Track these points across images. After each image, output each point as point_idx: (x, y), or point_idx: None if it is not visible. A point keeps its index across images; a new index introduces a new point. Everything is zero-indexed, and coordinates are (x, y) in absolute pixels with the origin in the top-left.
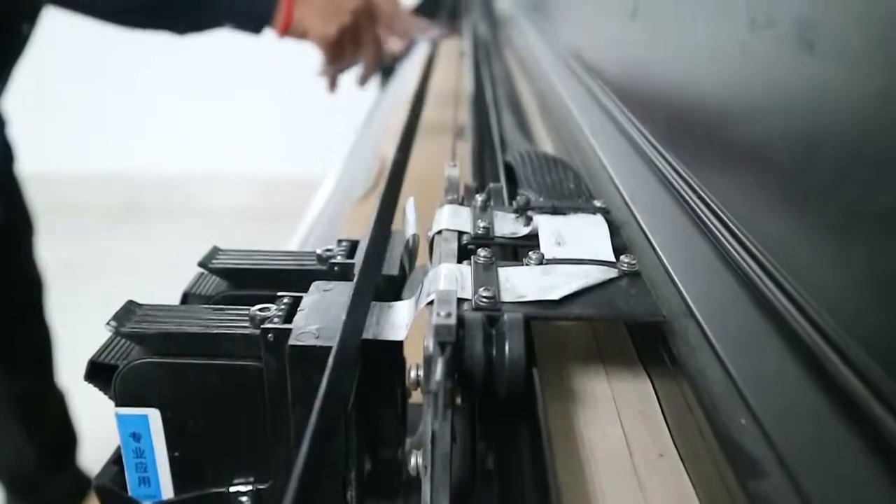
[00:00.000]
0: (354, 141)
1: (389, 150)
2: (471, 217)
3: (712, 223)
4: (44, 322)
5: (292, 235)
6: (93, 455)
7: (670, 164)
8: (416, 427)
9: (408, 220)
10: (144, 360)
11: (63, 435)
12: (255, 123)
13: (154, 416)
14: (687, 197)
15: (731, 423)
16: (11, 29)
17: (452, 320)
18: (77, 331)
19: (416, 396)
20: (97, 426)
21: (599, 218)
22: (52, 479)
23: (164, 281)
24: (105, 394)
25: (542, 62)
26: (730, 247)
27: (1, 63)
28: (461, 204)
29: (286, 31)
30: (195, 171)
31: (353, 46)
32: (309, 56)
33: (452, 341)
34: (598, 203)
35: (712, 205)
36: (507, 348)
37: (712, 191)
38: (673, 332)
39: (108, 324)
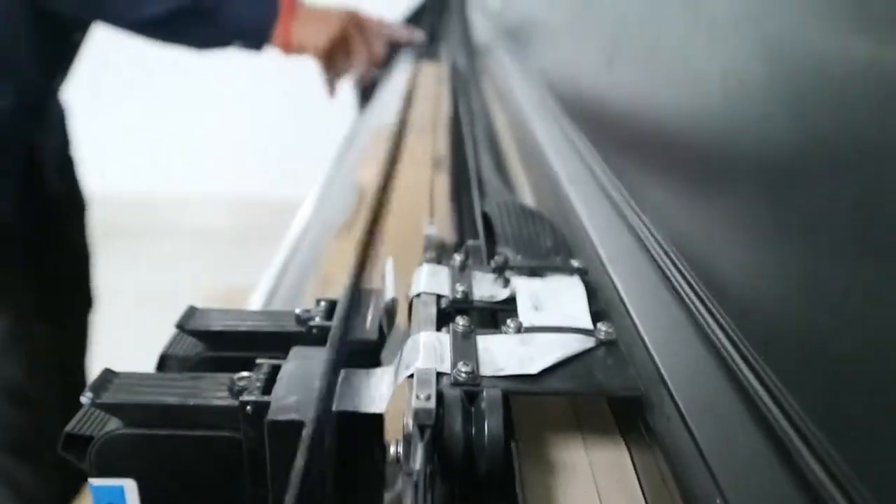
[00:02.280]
0: (332, 166)
1: (368, 179)
2: (449, 278)
3: (686, 293)
4: (90, 292)
5: (269, 266)
6: None
7: (647, 228)
8: (394, 481)
9: (386, 283)
10: (121, 432)
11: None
12: (231, 144)
13: (130, 487)
14: (664, 264)
15: (705, 502)
16: (66, 38)
17: (432, 404)
18: None
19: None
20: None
21: (577, 280)
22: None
23: (142, 307)
24: (79, 465)
25: (522, 103)
26: (703, 319)
27: (58, 64)
28: (439, 263)
29: (286, 47)
30: (171, 192)
31: (345, 54)
32: (284, 78)
33: (432, 424)
34: (576, 263)
35: (687, 275)
36: (486, 427)
37: (688, 260)
38: (649, 404)
39: (84, 395)
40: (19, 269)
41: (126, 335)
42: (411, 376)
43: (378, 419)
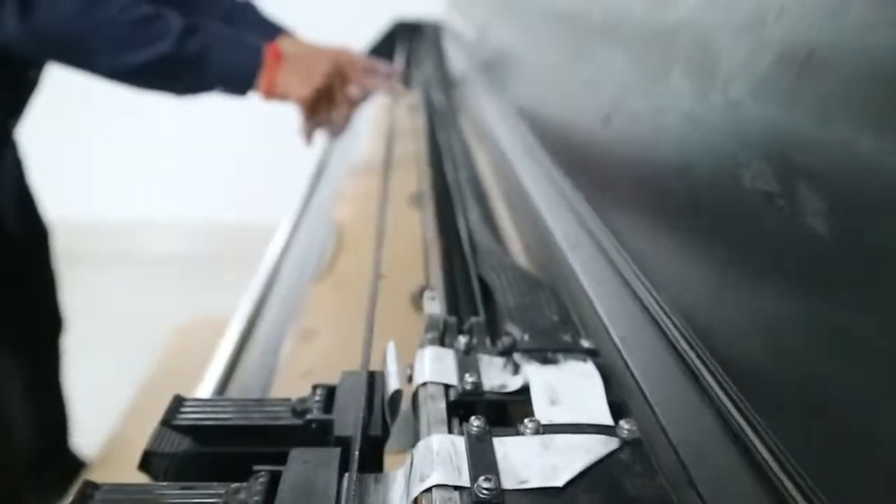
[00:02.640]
0: (304, 202)
1: (345, 218)
2: (455, 364)
3: (710, 386)
4: (59, 316)
5: (241, 306)
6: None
7: (660, 306)
8: None
9: (389, 372)
10: None
11: (61, 419)
12: (195, 169)
13: None
14: (682, 349)
15: None
16: (21, 75)
17: None
18: None
19: None
20: (86, 414)
21: (591, 367)
22: (52, 459)
23: (106, 337)
24: None
25: (508, 153)
26: (734, 420)
27: (14, 101)
28: (442, 344)
29: (269, 94)
30: (130, 216)
31: (328, 104)
32: (247, 102)
33: None
34: (586, 344)
35: (709, 363)
36: None
37: (710, 345)
38: None
39: None
40: None
41: (91, 363)
42: (428, 490)
43: None
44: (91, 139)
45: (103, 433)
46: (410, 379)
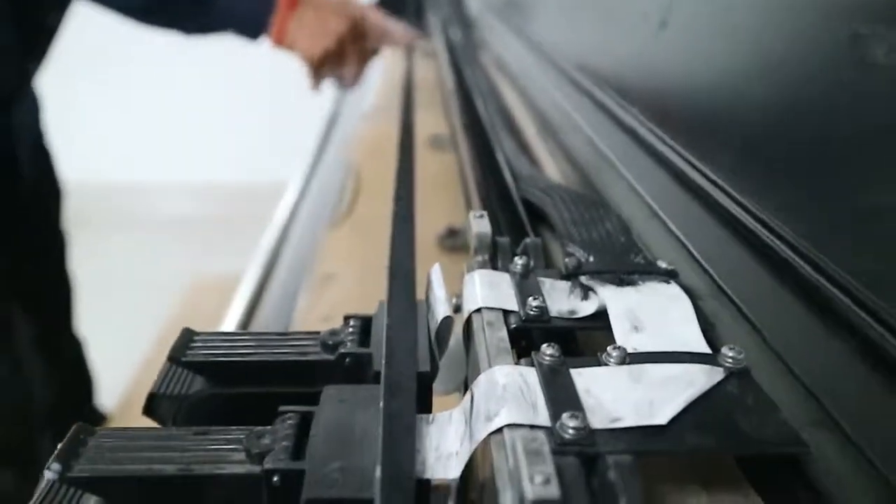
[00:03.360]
0: (317, 149)
1: (363, 163)
2: (514, 288)
3: (835, 303)
4: (67, 275)
5: (256, 254)
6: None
7: (751, 214)
8: None
9: (435, 296)
10: None
11: (80, 376)
12: (204, 130)
13: None
14: (793, 261)
15: None
16: (42, 21)
17: (555, 491)
18: None
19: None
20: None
21: (678, 290)
22: (72, 415)
23: (117, 297)
24: None
25: (536, 78)
26: (872, 340)
27: (32, 44)
28: (495, 267)
29: (278, 41)
30: (142, 180)
31: (337, 64)
32: (259, 63)
33: None
34: (663, 264)
35: (831, 274)
36: None
37: (827, 252)
38: (814, 461)
39: (48, 468)
40: None
41: (101, 328)
42: (498, 430)
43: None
44: (96, 101)
45: (117, 392)
46: (457, 309)
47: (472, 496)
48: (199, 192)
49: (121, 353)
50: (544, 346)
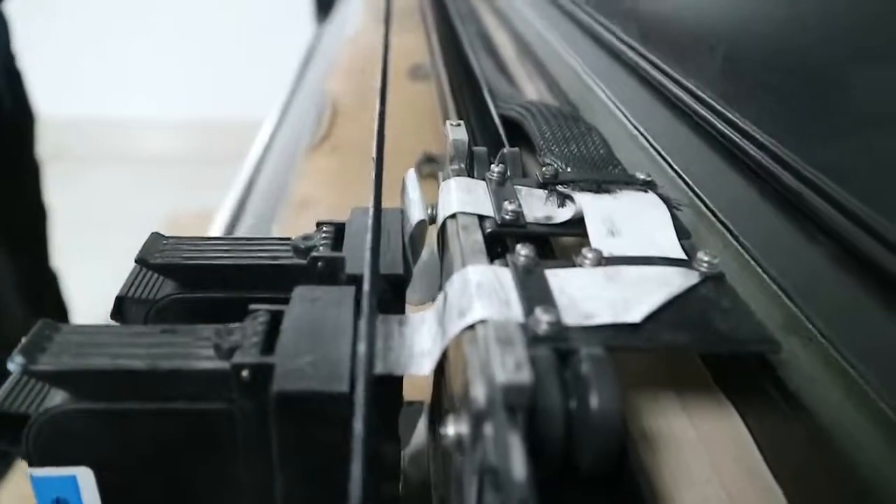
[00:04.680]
0: (295, 78)
1: (339, 90)
2: (489, 195)
3: (817, 209)
4: (42, 205)
5: (232, 186)
6: None
7: (731, 125)
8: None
9: (409, 200)
10: (69, 407)
11: (59, 311)
12: (183, 64)
13: (85, 476)
14: (770, 169)
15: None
16: None
17: (526, 375)
18: None
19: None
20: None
21: (654, 198)
22: None
23: (94, 234)
24: (13, 451)
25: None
26: (850, 243)
27: None
28: (471, 176)
29: None
30: (122, 115)
31: None
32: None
33: (526, 404)
34: (641, 175)
35: (817, 182)
36: (593, 401)
37: (812, 162)
38: (784, 361)
39: (13, 359)
40: None
41: (78, 268)
42: (471, 327)
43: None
44: (73, 34)
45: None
46: (433, 221)
47: (445, 406)
48: (177, 127)
49: (96, 289)
50: (519, 245)
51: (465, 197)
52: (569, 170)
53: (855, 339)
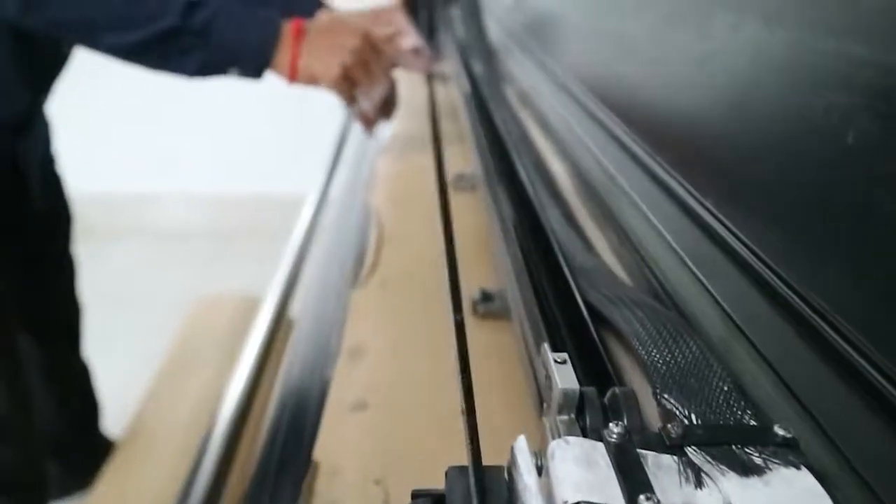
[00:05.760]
0: (327, 176)
1: (384, 210)
2: (613, 468)
3: None
4: (76, 301)
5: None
6: (112, 421)
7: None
8: None
9: (525, 486)
10: None
11: (88, 403)
12: (206, 140)
13: None
14: None
15: None
16: (54, 49)
17: None
18: None
19: None
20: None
21: (812, 481)
22: (80, 442)
23: (120, 314)
24: None
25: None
26: None
27: (45, 76)
28: (582, 427)
29: (293, 77)
30: (145, 190)
31: (366, 81)
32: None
33: None
34: (780, 431)
35: None
36: None
37: None
38: None
39: None
40: (4, 282)
41: (104, 344)
42: None
43: None
44: (103, 111)
45: (123, 412)
46: (540, 472)
47: None
48: (206, 204)
49: (124, 371)
50: None
51: (585, 476)
52: (694, 418)
53: None
